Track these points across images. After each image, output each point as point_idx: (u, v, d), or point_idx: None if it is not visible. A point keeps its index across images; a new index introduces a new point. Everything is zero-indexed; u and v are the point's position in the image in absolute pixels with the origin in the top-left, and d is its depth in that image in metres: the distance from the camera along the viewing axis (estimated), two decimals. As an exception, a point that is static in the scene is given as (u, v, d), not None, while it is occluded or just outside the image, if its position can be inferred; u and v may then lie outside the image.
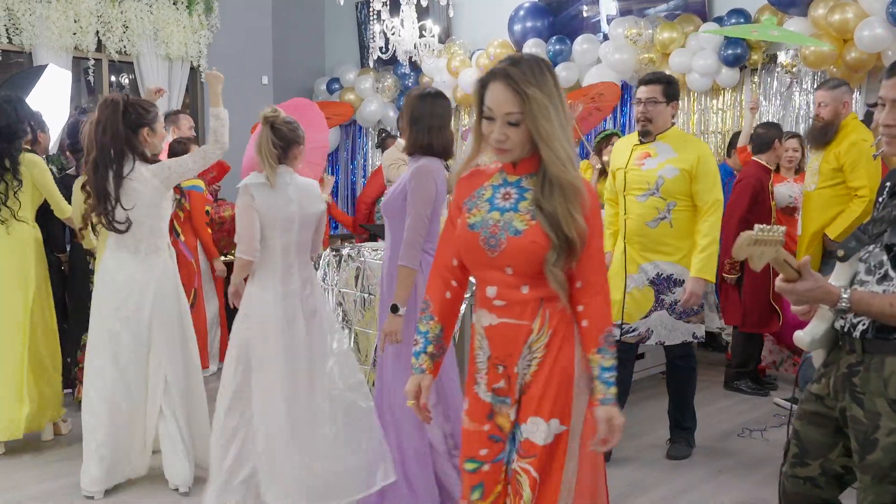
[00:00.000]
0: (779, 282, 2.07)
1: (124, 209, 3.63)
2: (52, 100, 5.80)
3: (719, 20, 6.53)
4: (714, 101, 6.88)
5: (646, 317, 3.97)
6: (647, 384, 5.47)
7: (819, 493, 2.32)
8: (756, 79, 6.64)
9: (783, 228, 1.98)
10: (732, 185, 5.37)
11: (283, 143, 3.38)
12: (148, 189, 3.68)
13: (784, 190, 5.42)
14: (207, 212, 5.61)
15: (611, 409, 2.03)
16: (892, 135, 2.17)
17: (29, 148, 4.39)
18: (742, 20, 6.36)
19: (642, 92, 3.93)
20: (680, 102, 6.92)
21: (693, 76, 6.66)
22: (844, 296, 2.04)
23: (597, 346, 2.03)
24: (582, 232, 2.00)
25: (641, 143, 3.98)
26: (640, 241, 3.94)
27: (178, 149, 5.08)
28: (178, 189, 4.07)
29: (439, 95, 3.30)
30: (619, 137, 6.17)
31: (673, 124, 4.01)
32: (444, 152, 3.26)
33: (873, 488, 2.10)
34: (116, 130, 3.61)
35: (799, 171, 5.52)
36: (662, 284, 3.94)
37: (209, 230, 5.50)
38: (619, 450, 4.24)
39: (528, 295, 2.05)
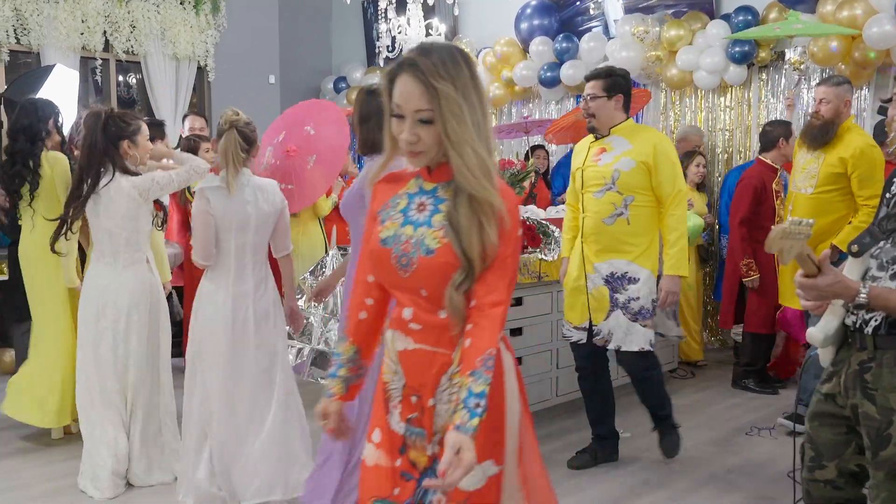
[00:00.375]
0: (798, 276, 2.06)
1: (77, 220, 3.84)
2: (59, 100, 5.81)
3: (726, 17, 6.50)
4: (721, 99, 6.85)
5: (606, 318, 3.81)
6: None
7: (841, 494, 2.31)
8: (764, 76, 6.61)
9: (811, 221, 1.94)
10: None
11: (248, 144, 3.43)
12: (124, 200, 3.72)
13: None
14: None
15: (465, 439, 1.65)
16: None
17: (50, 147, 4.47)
18: (749, 17, 6.33)
19: (586, 88, 3.81)
20: (688, 100, 6.98)
21: (700, 74, 6.63)
22: (863, 291, 2.04)
23: (471, 369, 1.72)
24: (491, 253, 1.75)
25: (596, 139, 3.87)
26: (596, 239, 3.79)
27: (189, 145, 5.10)
28: (158, 205, 4.13)
29: (381, 92, 3.27)
30: None
31: (628, 117, 3.85)
32: None
33: (886, 484, 2.09)
34: (95, 142, 3.70)
35: None
36: (616, 283, 3.78)
37: None
38: (625, 448, 4.24)
39: (446, 320, 1.80)
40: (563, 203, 4.49)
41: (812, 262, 2.01)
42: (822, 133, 4.32)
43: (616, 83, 3.78)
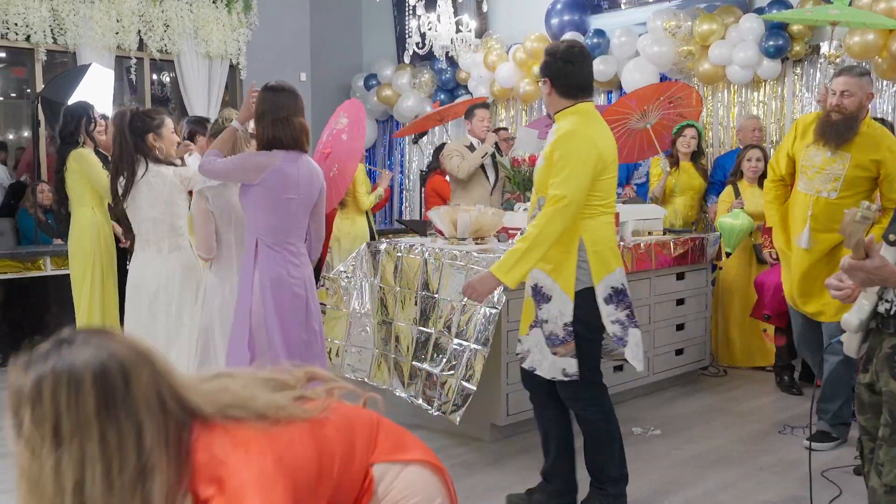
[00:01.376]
0: (848, 260, 2.10)
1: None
2: (95, 98, 5.91)
3: (760, 11, 6.42)
4: (755, 94, 6.77)
5: (528, 332, 3.32)
6: (683, 381, 5.41)
7: None
8: (798, 70, 6.52)
9: (877, 206, 2.02)
10: None
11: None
12: (167, 188, 3.87)
13: None
14: None
15: None
16: None
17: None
18: (784, 10, 6.25)
19: None
20: (720, 95, 6.89)
21: (734, 68, 6.56)
22: None
23: None
24: None
25: None
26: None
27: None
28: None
29: (283, 88, 3.37)
30: (694, 129, 5.94)
31: (577, 103, 3.22)
32: (295, 143, 3.35)
33: None
34: (124, 139, 3.86)
35: None
36: (537, 296, 3.25)
37: None
38: (654, 446, 4.21)
39: None
40: None
41: (862, 247, 2.07)
42: (847, 129, 3.84)
43: (545, 65, 3.25)
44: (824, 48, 6.25)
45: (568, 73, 3.20)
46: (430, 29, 6.95)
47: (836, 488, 3.61)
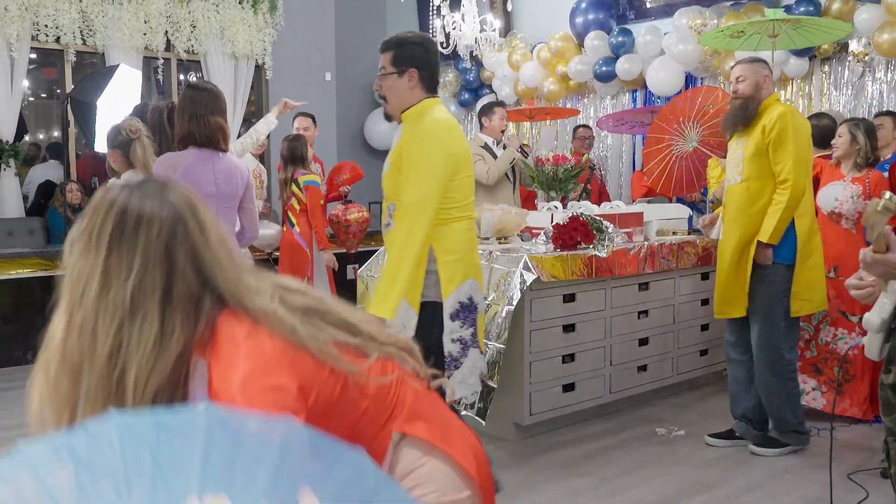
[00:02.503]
0: (868, 253, 2.06)
1: None
2: (123, 99, 5.99)
3: (787, 9, 6.36)
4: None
5: None
6: (709, 380, 5.38)
7: None
8: (826, 68, 6.45)
9: None
10: None
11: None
12: None
13: (830, 192, 4.54)
14: (335, 214, 6.05)
15: None
16: None
17: None
18: (811, 8, 6.18)
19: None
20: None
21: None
22: None
23: None
24: None
25: None
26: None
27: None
28: None
29: (204, 88, 3.48)
30: None
31: (431, 97, 3.03)
32: (208, 141, 3.42)
33: None
34: (164, 133, 3.93)
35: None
36: None
37: (323, 222, 5.75)
38: (677, 447, 4.19)
39: None
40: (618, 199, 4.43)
41: (884, 240, 2.03)
42: (743, 111, 3.92)
43: (408, 54, 3.01)
44: (853, 46, 6.18)
45: (433, 63, 3.04)
46: (454, 28, 6.96)
47: (862, 491, 3.57)
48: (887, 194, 2.00)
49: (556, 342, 4.43)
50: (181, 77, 8.28)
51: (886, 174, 4.62)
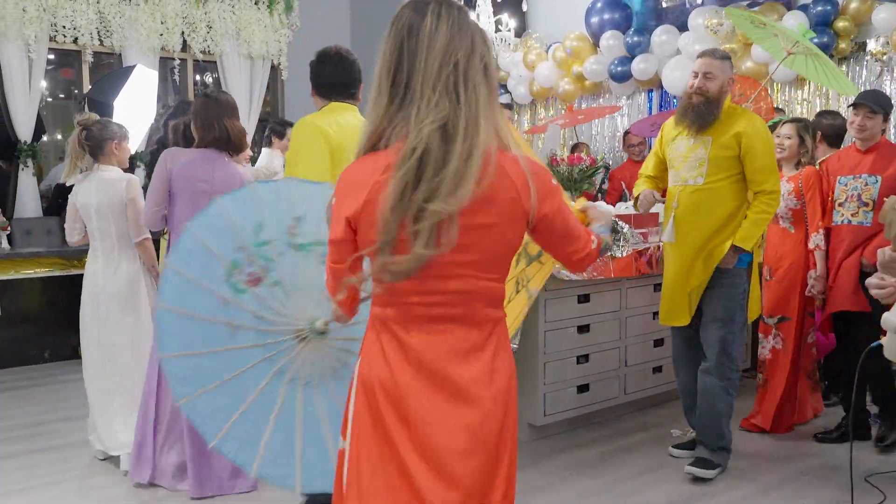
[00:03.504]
0: (887, 251, 2.06)
1: None
2: (140, 99, 6.03)
3: (804, 8, 6.31)
4: (799, 92, 6.66)
5: None
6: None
7: None
8: (844, 68, 6.40)
9: None
10: None
11: (90, 142, 4.04)
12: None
13: None
14: None
15: None
16: None
17: None
18: (829, 7, 6.14)
19: None
20: (763, 92, 6.78)
21: (776, 66, 6.46)
22: None
23: None
24: None
25: None
26: None
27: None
28: None
29: (208, 94, 3.74)
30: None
31: (330, 102, 3.23)
32: (215, 143, 3.70)
33: None
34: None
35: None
36: None
37: None
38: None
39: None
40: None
41: None
42: (708, 112, 3.68)
43: (311, 68, 3.29)
44: (870, 45, 6.13)
45: (321, 72, 3.24)
46: (469, 28, 6.96)
47: (879, 494, 3.54)
48: None
49: (571, 343, 4.42)
50: (197, 77, 8.32)
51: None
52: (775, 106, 6.07)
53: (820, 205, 4.32)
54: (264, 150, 6.27)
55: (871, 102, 4.14)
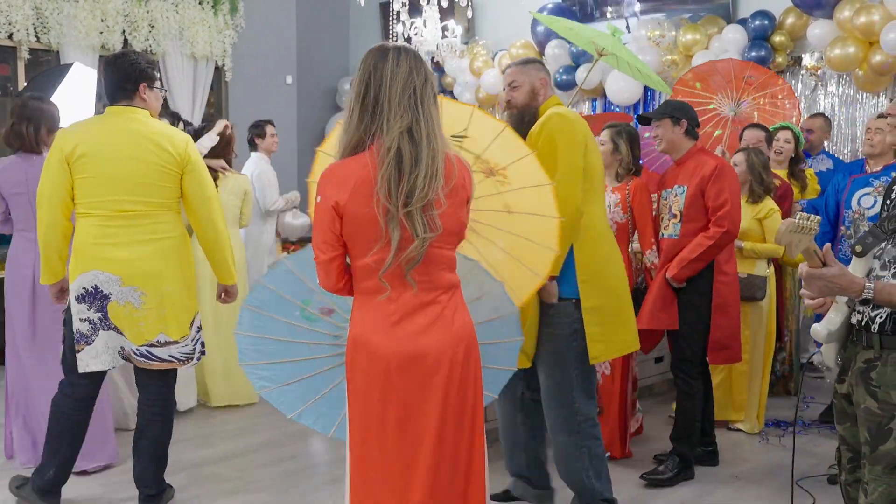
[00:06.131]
0: (802, 267, 2.12)
1: None
2: (77, 97, 5.88)
3: (743, 22, 6.47)
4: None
5: None
6: (662, 388, 5.43)
7: None
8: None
9: (818, 218, 2.06)
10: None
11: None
12: None
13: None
14: None
15: None
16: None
17: None
18: (766, 21, 6.31)
19: None
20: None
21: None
22: (869, 285, 2.08)
23: None
24: None
25: None
26: None
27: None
28: None
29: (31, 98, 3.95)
30: (789, 131, 5.11)
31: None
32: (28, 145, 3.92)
33: (885, 478, 2.14)
34: None
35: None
36: None
37: None
38: (633, 452, 4.23)
39: None
40: None
41: (818, 257, 2.08)
42: (521, 121, 3.29)
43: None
44: (806, 60, 6.31)
45: (104, 79, 3.41)
46: (415, 34, 6.96)
47: (809, 497, 3.63)
48: (798, 214, 2.05)
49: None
50: (139, 77, 8.16)
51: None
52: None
53: (651, 219, 4.13)
54: (253, 155, 6.03)
55: (657, 113, 4.02)
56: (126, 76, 3.32)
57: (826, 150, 5.88)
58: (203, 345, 3.49)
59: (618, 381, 4.20)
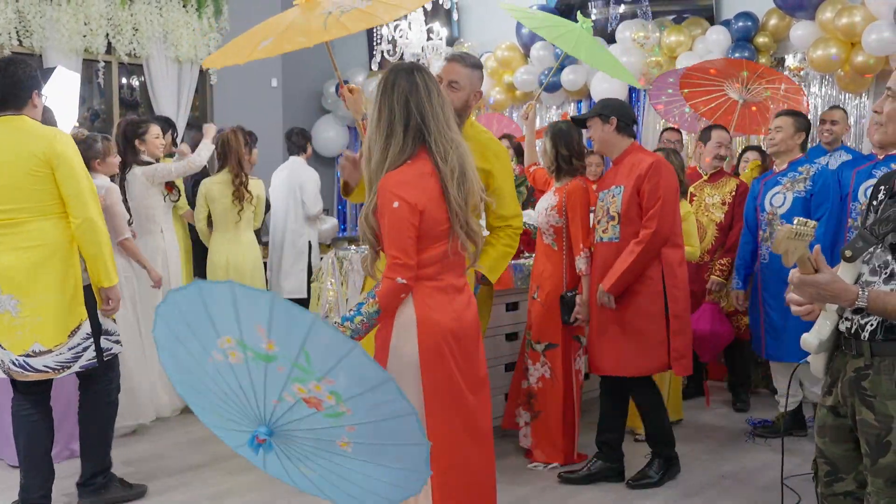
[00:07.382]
0: (794, 273, 2.04)
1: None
2: (60, 101, 5.84)
3: (727, 23, 6.51)
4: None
5: None
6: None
7: None
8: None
9: (815, 223, 1.97)
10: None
11: None
12: (137, 184, 4.91)
13: (539, 205, 4.27)
14: None
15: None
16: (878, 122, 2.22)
17: None
18: (749, 23, 6.35)
19: None
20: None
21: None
22: (863, 294, 2.00)
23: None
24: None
25: None
26: None
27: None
28: (169, 187, 5.16)
29: None
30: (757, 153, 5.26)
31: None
32: None
33: (887, 491, 2.07)
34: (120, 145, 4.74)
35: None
36: None
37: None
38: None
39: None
40: None
41: (810, 264, 2.00)
42: None
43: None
44: (789, 61, 6.35)
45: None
46: (400, 36, 6.95)
47: (795, 496, 3.66)
48: (795, 220, 1.96)
49: (501, 350, 4.45)
50: (123, 80, 8.12)
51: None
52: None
53: (583, 223, 3.97)
54: (295, 160, 6.29)
55: (588, 113, 3.93)
56: (20, 84, 3.25)
57: (845, 144, 5.75)
58: (99, 352, 3.40)
59: (559, 382, 4.07)
